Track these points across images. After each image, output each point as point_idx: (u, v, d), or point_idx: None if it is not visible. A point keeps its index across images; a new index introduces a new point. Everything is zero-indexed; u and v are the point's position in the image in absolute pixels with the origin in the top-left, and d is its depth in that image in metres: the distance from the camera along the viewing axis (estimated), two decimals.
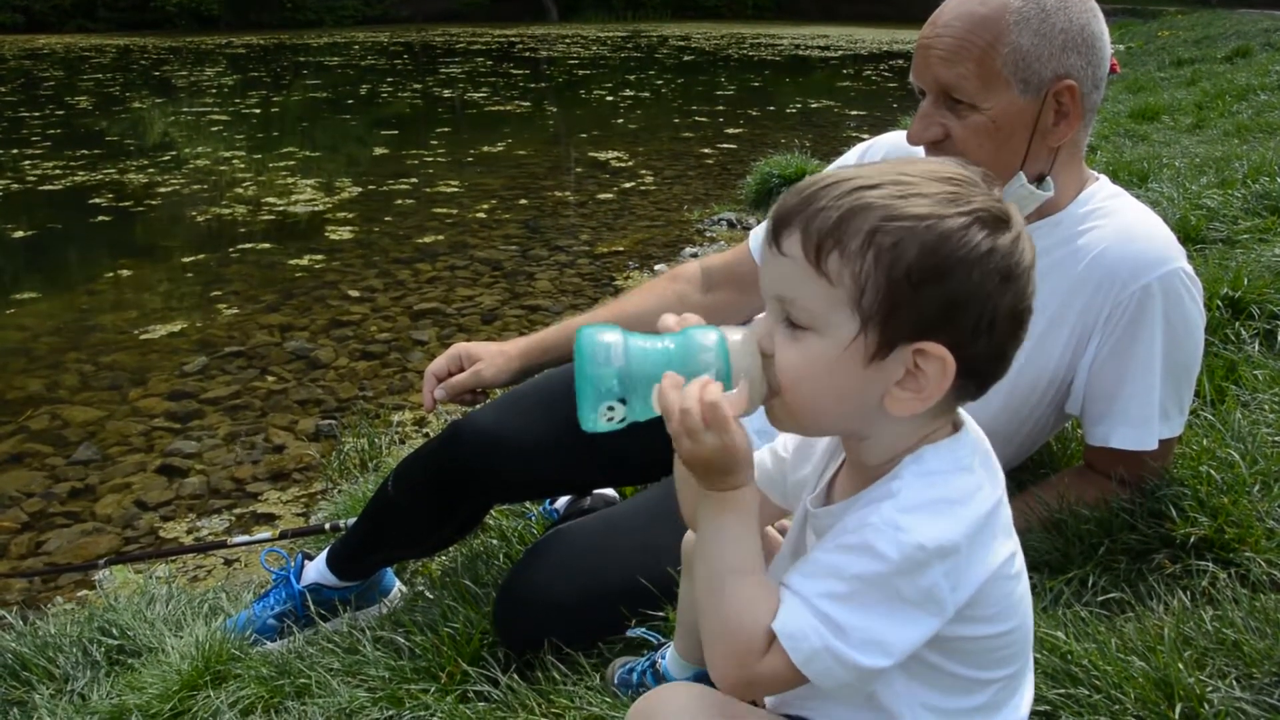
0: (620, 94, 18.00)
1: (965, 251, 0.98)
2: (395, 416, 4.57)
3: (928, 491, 1.03)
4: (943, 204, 1.00)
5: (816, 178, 1.07)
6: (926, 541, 0.98)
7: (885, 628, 1.00)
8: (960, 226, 0.99)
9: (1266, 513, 1.80)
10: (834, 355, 1.03)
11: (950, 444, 1.08)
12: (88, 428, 4.60)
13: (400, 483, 2.28)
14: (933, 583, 0.99)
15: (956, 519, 1.01)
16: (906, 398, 1.03)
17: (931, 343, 1.00)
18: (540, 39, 33.78)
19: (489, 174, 10.38)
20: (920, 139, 1.77)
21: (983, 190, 1.03)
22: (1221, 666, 1.49)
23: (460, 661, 1.96)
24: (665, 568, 1.85)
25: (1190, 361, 1.80)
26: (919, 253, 0.98)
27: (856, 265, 1.00)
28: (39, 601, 3.26)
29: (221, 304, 6.27)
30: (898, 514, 1.00)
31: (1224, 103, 8.29)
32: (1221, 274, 2.98)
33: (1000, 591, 1.05)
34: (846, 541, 1.03)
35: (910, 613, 1.00)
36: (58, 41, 32.29)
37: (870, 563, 0.99)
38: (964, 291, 0.99)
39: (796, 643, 1.01)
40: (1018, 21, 1.66)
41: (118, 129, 13.91)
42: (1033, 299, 1.05)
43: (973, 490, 1.04)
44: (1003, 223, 1.01)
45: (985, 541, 1.03)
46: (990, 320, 1.01)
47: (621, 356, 1.07)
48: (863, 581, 1.00)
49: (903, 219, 0.99)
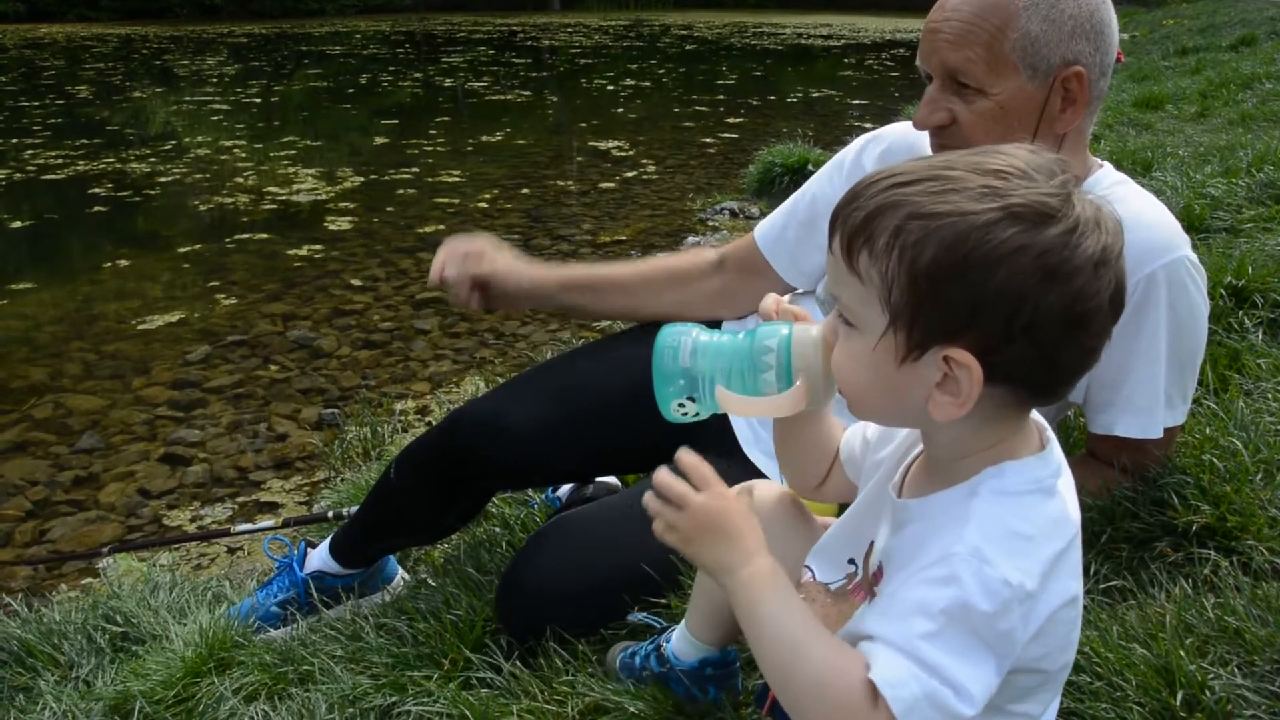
0: (621, 83, 17.98)
1: (989, 249, 0.94)
2: (398, 405, 4.57)
3: (1007, 519, 0.99)
4: (975, 199, 0.96)
5: (868, 175, 1.05)
6: (1011, 579, 0.95)
7: (971, 673, 0.95)
8: (987, 223, 0.94)
9: (1269, 501, 1.81)
10: (869, 353, 1.03)
11: (1035, 462, 1.04)
12: (91, 416, 4.60)
13: (402, 470, 2.28)
14: (1011, 625, 0.96)
15: (1033, 559, 0.97)
16: (946, 402, 1.00)
17: (957, 349, 0.97)
18: (542, 28, 33.72)
19: (491, 163, 10.36)
20: (926, 124, 1.77)
21: (1034, 183, 0.98)
22: (1223, 654, 1.49)
23: (463, 649, 1.96)
24: (667, 555, 1.85)
25: (1195, 349, 1.79)
26: (937, 250, 0.95)
27: (883, 264, 0.99)
28: (44, 589, 3.26)
29: (224, 293, 6.27)
30: (982, 543, 0.96)
31: (1228, 91, 8.26)
32: (1225, 263, 2.98)
33: (1057, 632, 1.02)
34: (933, 574, 0.97)
35: (987, 655, 0.96)
36: (59, 30, 32.25)
37: (957, 597, 0.95)
38: (990, 290, 0.95)
39: (897, 690, 0.95)
40: (1027, 6, 1.65)
41: (119, 118, 13.90)
42: (1108, 296, 0.98)
43: (1050, 523, 1.01)
44: (1048, 217, 0.95)
45: (1055, 581, 0.99)
46: (1029, 322, 0.95)
47: (689, 357, 1.14)
48: (949, 618, 0.95)
49: (927, 216, 0.96)
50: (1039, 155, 1.02)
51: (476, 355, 5.25)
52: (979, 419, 1.03)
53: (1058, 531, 1.01)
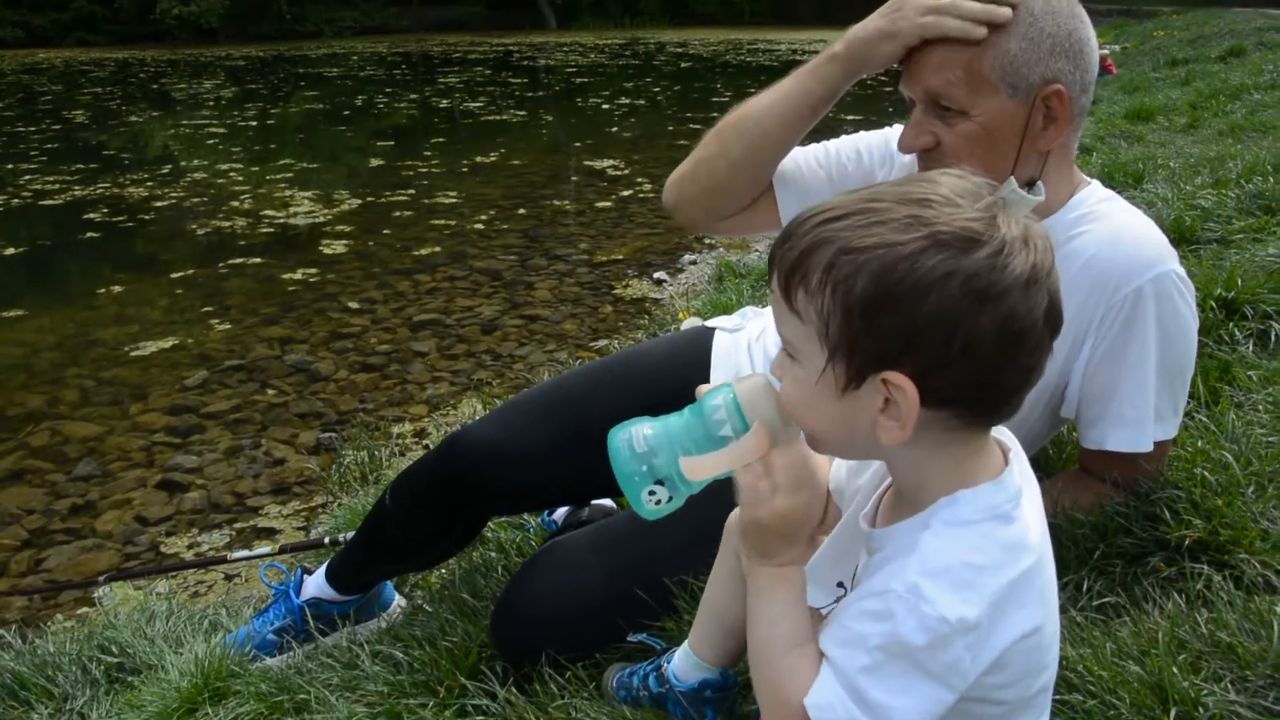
0: (617, 101, 18.03)
1: (917, 277, 0.96)
2: (395, 429, 4.57)
3: (955, 551, 1.01)
4: (900, 229, 0.98)
5: (800, 213, 1.07)
6: (949, 615, 0.96)
7: (908, 704, 0.99)
8: (912, 252, 0.96)
9: (1261, 514, 1.80)
10: (813, 386, 1.05)
11: (991, 488, 1.05)
12: (88, 443, 4.61)
13: (397, 495, 2.28)
14: (955, 657, 0.97)
15: (979, 591, 0.98)
16: (891, 426, 1.02)
17: (893, 372, 0.99)
18: (539, 47, 33.83)
19: (487, 184, 10.40)
20: (911, 147, 1.78)
21: (958, 208, 0.99)
22: (1216, 670, 1.49)
23: (458, 675, 1.96)
24: (662, 579, 1.86)
25: (1184, 363, 1.80)
26: (867, 282, 0.97)
27: (819, 300, 1.01)
28: (39, 619, 3.26)
29: (221, 317, 6.29)
30: (920, 579, 0.98)
31: (1218, 102, 8.29)
32: (1215, 274, 2.98)
33: (1023, 660, 1.03)
34: (869, 607, 1.01)
35: (931, 687, 0.99)
36: (57, 55, 32.37)
37: (890, 632, 0.98)
38: (922, 318, 0.96)
39: (822, 713, 1.03)
40: (1005, 27, 1.66)
41: (116, 142, 13.95)
42: (1041, 313, 0.99)
43: (1004, 550, 1.02)
44: (973, 241, 0.97)
45: (1010, 610, 1.00)
46: (965, 344, 0.97)
47: (643, 443, 1.13)
48: (885, 653, 0.99)
49: (855, 250, 0.98)
50: (965, 179, 1.04)
51: (474, 377, 5.26)
52: (931, 444, 1.04)
53: (1012, 560, 1.01)
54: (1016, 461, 1.10)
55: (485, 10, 47.23)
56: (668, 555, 1.87)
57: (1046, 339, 1.01)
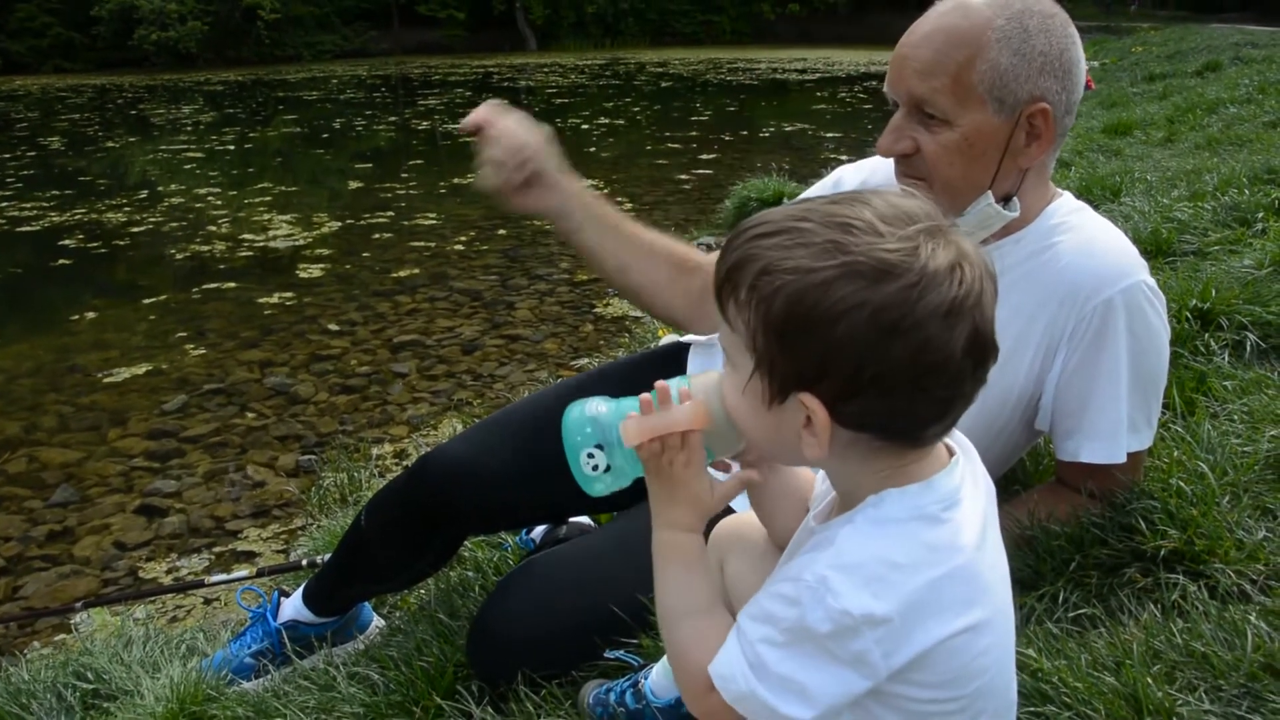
0: (596, 121, 18.07)
1: (827, 306, 0.96)
2: (375, 450, 4.56)
3: (872, 546, 1.01)
4: (817, 255, 0.97)
5: (740, 223, 1.08)
6: (853, 609, 0.97)
7: (812, 680, 1.00)
8: (824, 281, 0.96)
9: (1236, 523, 1.81)
10: (740, 393, 1.08)
11: (919, 489, 1.05)
12: (66, 469, 4.58)
13: (373, 517, 2.26)
14: (863, 648, 0.98)
15: (892, 588, 0.98)
16: (811, 443, 1.03)
17: (806, 394, 1.00)
18: (519, 69, 33.94)
19: (467, 205, 10.40)
20: (890, 151, 1.76)
21: (878, 238, 0.97)
22: (1190, 679, 1.49)
23: (434, 695, 1.94)
24: (639, 596, 1.85)
25: (1156, 373, 1.80)
26: (783, 305, 0.98)
27: (745, 314, 1.02)
28: (15, 647, 3.23)
29: (200, 341, 6.26)
30: (830, 571, 0.99)
31: (1195, 116, 8.37)
32: (1191, 286, 3.00)
33: (952, 660, 1.02)
34: (782, 590, 1.03)
35: (839, 669, 1.00)
36: (34, 83, 32.29)
37: (799, 619, 0.99)
38: (833, 345, 0.97)
39: (726, 684, 1.06)
40: (999, 39, 1.64)
41: (94, 168, 13.91)
42: (961, 346, 0.97)
43: (926, 550, 1.01)
44: (885, 274, 0.95)
45: (931, 612, 0.99)
46: (875, 374, 0.97)
47: (594, 409, 1.18)
48: (793, 635, 1.00)
49: (776, 272, 0.98)
50: (906, 200, 1.03)
51: (454, 397, 5.25)
52: (857, 457, 1.05)
53: (935, 559, 1.01)
54: (964, 465, 1.10)
55: (465, 33, 47.35)
56: (644, 572, 1.86)
57: (969, 369, 1.00)
